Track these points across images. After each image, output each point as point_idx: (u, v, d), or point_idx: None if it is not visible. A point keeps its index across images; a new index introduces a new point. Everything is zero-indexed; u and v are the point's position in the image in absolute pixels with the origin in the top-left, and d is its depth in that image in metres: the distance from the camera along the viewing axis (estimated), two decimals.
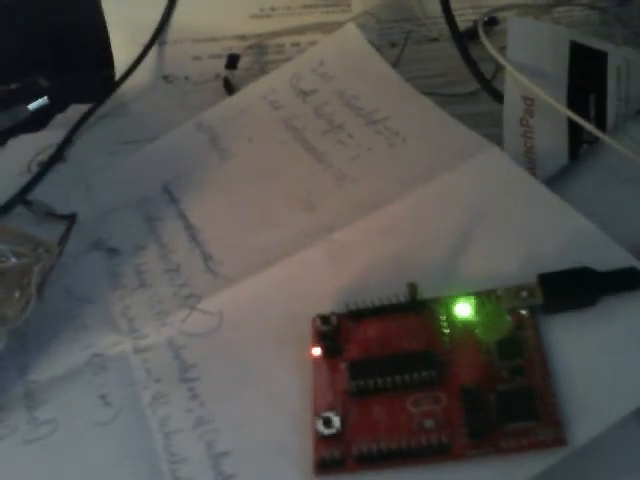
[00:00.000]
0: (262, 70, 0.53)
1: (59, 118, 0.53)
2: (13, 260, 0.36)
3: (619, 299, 0.30)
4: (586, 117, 0.39)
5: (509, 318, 0.31)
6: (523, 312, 0.31)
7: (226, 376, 0.34)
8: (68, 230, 0.41)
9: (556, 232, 0.33)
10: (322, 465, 0.29)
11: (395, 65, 0.49)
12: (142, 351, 0.36)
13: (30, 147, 0.50)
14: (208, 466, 0.31)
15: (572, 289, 0.30)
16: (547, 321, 0.30)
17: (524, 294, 0.31)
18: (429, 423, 0.29)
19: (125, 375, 0.35)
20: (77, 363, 0.36)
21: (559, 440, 0.27)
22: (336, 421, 0.29)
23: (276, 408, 0.32)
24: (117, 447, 0.33)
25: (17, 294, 0.35)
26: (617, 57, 0.42)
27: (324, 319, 0.32)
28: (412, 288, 0.32)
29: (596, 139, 0.40)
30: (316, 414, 0.30)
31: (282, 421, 0.31)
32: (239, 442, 0.31)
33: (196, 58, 0.55)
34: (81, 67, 0.56)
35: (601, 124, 0.40)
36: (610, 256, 0.32)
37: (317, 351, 0.32)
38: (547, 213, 0.34)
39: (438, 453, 0.28)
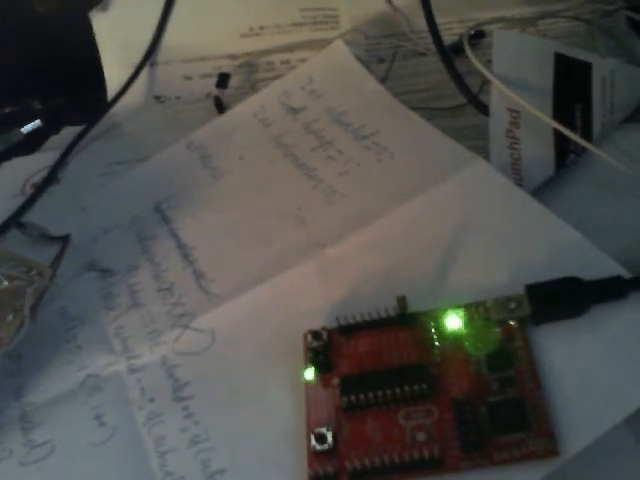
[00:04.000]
0: (253, 88, 0.54)
1: (52, 140, 0.53)
2: (6, 283, 0.36)
3: (607, 308, 0.30)
4: (572, 128, 0.40)
5: (498, 330, 0.31)
6: (512, 323, 0.31)
7: (220, 394, 0.34)
8: (62, 252, 0.41)
9: (543, 242, 0.34)
10: None
11: (383, 80, 0.50)
12: (136, 371, 0.36)
13: (23, 170, 0.50)
14: None
15: (560, 299, 0.31)
16: (536, 331, 0.31)
17: (512, 305, 0.31)
18: (421, 436, 0.29)
19: (120, 395, 0.35)
20: (72, 384, 0.36)
21: (551, 451, 0.27)
22: (329, 437, 0.29)
23: (270, 425, 0.32)
24: (113, 467, 0.33)
25: (10, 317, 0.35)
26: (602, 68, 0.42)
27: (315, 334, 0.32)
28: (402, 302, 0.32)
29: (582, 149, 0.40)
30: (310, 430, 0.30)
31: (276, 437, 0.31)
32: (234, 459, 0.31)
33: (187, 78, 0.56)
34: (73, 89, 0.56)
35: (587, 134, 0.41)
36: (597, 265, 0.32)
37: (310, 374, 0.32)
38: (534, 224, 0.35)
39: (431, 466, 0.28)
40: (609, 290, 0.31)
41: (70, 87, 0.56)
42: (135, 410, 0.34)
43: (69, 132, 0.53)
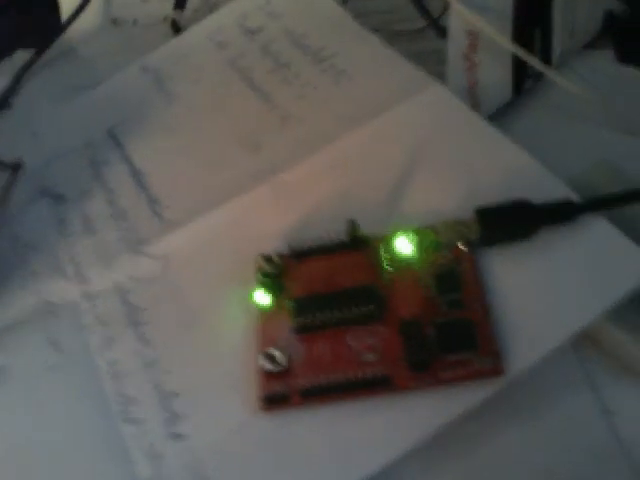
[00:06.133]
0: (211, 10, 0.52)
1: (4, 64, 0.52)
2: None
3: (556, 231, 0.31)
4: (531, 52, 0.39)
5: (447, 253, 0.31)
6: (461, 246, 0.31)
7: (174, 318, 0.34)
8: (13, 177, 0.40)
9: (497, 167, 0.34)
10: (268, 401, 0.29)
11: (344, 2, 0.49)
12: (90, 297, 0.36)
13: None
14: (158, 406, 0.31)
15: (509, 222, 0.31)
16: (486, 254, 0.31)
17: (462, 228, 0.31)
18: (370, 357, 0.29)
19: (74, 320, 0.35)
20: (27, 310, 0.36)
21: (497, 369, 0.28)
22: (281, 358, 0.30)
23: (223, 348, 0.32)
24: (68, 391, 0.33)
25: None
26: None
27: (267, 259, 0.33)
28: (352, 225, 0.32)
29: (541, 74, 0.40)
30: (261, 351, 0.30)
31: (229, 360, 0.32)
32: (188, 382, 0.32)
33: (144, 0, 0.54)
34: (26, 10, 0.55)
35: (546, 59, 0.40)
36: (549, 189, 0.32)
37: (261, 297, 0.32)
38: (487, 148, 0.35)
39: (379, 385, 0.29)
40: (558, 213, 0.31)
41: (23, 7, 0.55)
42: (89, 335, 0.34)
43: (21, 56, 0.52)
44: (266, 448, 0.29)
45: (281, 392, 0.29)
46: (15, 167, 0.41)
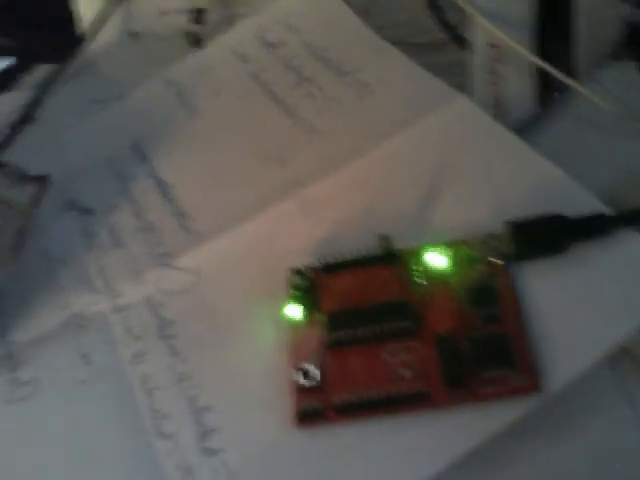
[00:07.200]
0: (230, 24, 0.52)
1: (27, 79, 0.52)
2: None
3: (589, 245, 0.31)
4: (555, 64, 0.39)
5: (481, 267, 0.31)
6: (495, 260, 0.31)
7: (205, 332, 0.34)
8: (41, 191, 0.40)
9: (526, 180, 0.34)
10: (302, 416, 0.29)
11: (363, 15, 0.49)
12: (120, 310, 0.36)
13: None
14: (190, 421, 0.31)
15: (543, 236, 0.31)
16: (519, 268, 0.31)
17: (495, 242, 0.31)
18: (406, 372, 0.29)
19: (105, 334, 0.35)
20: (56, 323, 0.36)
21: (534, 386, 0.28)
22: (315, 373, 0.30)
23: (255, 362, 0.32)
24: (99, 405, 0.33)
25: None
26: (587, 1, 0.41)
27: (299, 273, 0.33)
28: (384, 240, 0.32)
29: (566, 87, 0.40)
30: (295, 366, 0.30)
31: (261, 374, 0.31)
32: (220, 396, 0.32)
33: (163, 13, 0.54)
34: (47, 26, 0.55)
35: (571, 71, 0.40)
36: (580, 203, 0.32)
37: (293, 311, 0.32)
38: (516, 161, 0.35)
39: (415, 401, 0.28)
40: (591, 227, 0.31)
41: (43, 24, 0.55)
42: (120, 348, 0.35)
43: (44, 70, 0.52)
44: (299, 464, 0.29)
45: (315, 407, 0.29)
46: (42, 181, 0.41)
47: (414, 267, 0.32)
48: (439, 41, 0.46)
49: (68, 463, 0.32)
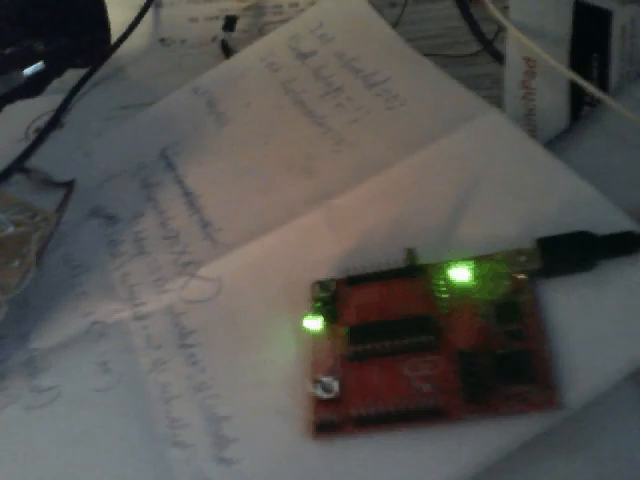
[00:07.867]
0: (260, 32, 0.53)
1: (55, 84, 0.53)
2: (11, 229, 0.36)
3: (617, 263, 0.30)
4: (588, 78, 0.39)
5: (507, 282, 0.30)
6: (521, 276, 0.30)
7: (226, 342, 0.34)
8: (67, 197, 0.41)
9: (556, 195, 0.33)
10: (320, 428, 0.29)
11: (395, 25, 0.49)
12: (142, 318, 0.36)
13: (27, 113, 0.50)
14: (209, 431, 0.31)
15: (571, 253, 0.30)
16: (545, 285, 0.30)
17: (523, 258, 0.30)
18: (426, 387, 0.29)
19: (125, 342, 0.35)
20: (77, 330, 0.36)
21: (554, 403, 0.27)
22: (335, 385, 0.29)
23: (274, 373, 0.32)
24: (118, 413, 0.33)
25: (17, 263, 0.35)
26: (622, 16, 0.41)
27: (322, 285, 0.32)
28: (410, 253, 0.32)
29: (598, 101, 0.39)
30: (315, 378, 0.30)
31: (280, 386, 0.31)
32: (238, 406, 0.31)
33: (193, 20, 0.54)
34: (77, 31, 0.55)
35: (604, 86, 0.40)
36: (609, 219, 0.31)
37: (314, 323, 0.32)
38: (547, 176, 0.34)
39: (434, 416, 0.28)
40: (620, 245, 0.30)
41: (73, 28, 0.55)
42: (141, 357, 0.34)
43: (72, 75, 0.52)
44: (316, 475, 0.29)
45: (333, 419, 0.29)
46: (68, 187, 0.41)
47: (439, 281, 0.31)
48: (472, 53, 0.46)
49: (84, 471, 0.32)
